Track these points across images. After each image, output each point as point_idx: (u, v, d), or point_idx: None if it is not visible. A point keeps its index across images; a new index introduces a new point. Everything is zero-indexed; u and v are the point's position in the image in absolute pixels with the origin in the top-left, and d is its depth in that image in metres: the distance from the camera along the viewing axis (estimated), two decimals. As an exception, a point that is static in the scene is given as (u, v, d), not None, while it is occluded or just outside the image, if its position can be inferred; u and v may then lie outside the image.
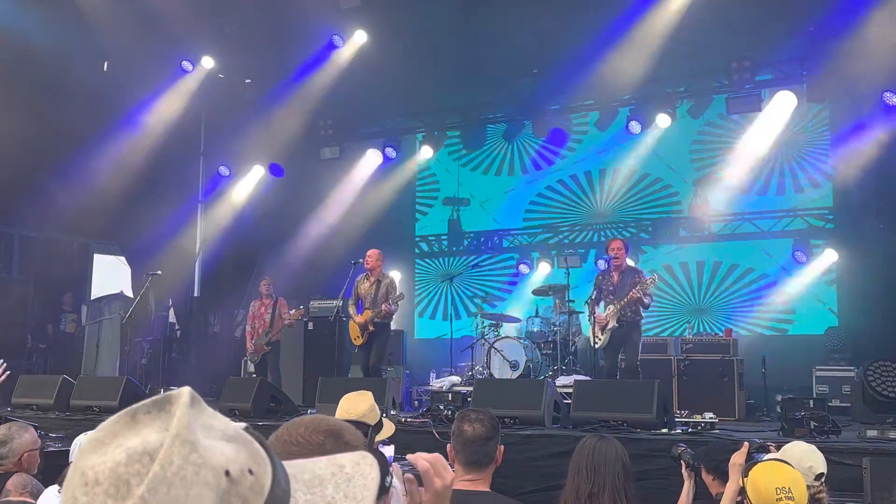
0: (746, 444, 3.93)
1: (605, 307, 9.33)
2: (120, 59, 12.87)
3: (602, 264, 11.61)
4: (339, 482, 0.96)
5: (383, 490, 1.11)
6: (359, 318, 10.10)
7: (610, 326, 9.19)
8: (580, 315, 11.76)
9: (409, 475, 1.85)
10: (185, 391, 0.87)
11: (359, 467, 0.99)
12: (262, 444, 0.90)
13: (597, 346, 9.51)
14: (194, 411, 0.86)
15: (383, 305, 9.96)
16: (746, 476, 3.13)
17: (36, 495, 4.64)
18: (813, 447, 3.85)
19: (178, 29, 12.76)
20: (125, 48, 12.81)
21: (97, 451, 0.83)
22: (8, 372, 6.87)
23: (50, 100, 12.01)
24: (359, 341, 10.26)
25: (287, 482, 0.91)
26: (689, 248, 12.96)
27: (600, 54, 11.33)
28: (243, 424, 0.92)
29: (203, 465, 0.81)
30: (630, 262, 9.75)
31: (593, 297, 9.51)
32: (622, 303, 9.05)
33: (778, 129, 11.98)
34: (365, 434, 1.64)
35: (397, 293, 10.21)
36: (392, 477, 1.50)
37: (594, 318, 9.37)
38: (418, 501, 1.94)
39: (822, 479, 3.66)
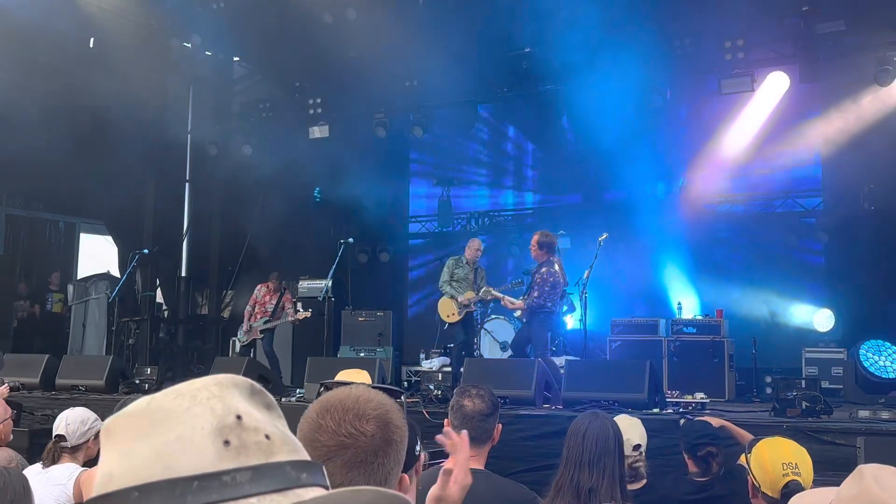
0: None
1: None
2: (107, 35, 12.69)
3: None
4: None
5: (414, 458, 1.17)
6: (465, 297, 10.41)
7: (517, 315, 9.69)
8: (571, 296, 11.72)
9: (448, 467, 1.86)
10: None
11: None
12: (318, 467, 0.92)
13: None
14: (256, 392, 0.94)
15: (494, 291, 10.20)
16: (750, 453, 3.08)
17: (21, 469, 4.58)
18: (635, 421, 4.19)
19: (165, 4, 12.59)
20: (112, 25, 12.63)
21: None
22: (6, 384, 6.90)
23: (35, 77, 11.83)
24: (452, 318, 10.46)
25: (300, 476, 0.89)
26: (680, 228, 12.89)
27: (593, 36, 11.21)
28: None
29: (217, 397, 0.88)
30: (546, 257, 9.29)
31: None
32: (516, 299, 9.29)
33: (769, 110, 11.93)
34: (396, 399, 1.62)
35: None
36: (420, 446, 1.49)
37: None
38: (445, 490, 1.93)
39: (640, 450, 4.00)
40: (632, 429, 4.12)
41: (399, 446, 1.51)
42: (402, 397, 1.73)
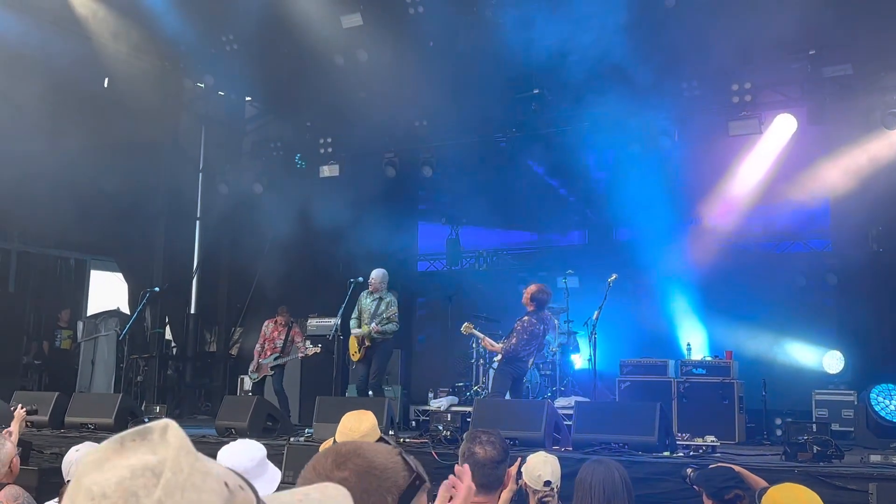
0: (519, 458, 4.12)
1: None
2: (121, 75, 12.86)
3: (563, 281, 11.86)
4: None
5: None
6: (357, 332, 10.30)
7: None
8: (577, 335, 11.70)
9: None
10: (170, 421, 0.96)
11: (327, 491, 1.10)
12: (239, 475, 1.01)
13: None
14: (186, 437, 0.95)
15: (373, 325, 10.18)
16: (760, 501, 3.08)
17: None
18: (551, 458, 4.22)
19: (179, 46, 12.77)
20: (126, 65, 12.81)
21: (96, 470, 0.90)
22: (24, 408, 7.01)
23: (49, 115, 11.98)
24: (356, 357, 10.39)
25: None
26: (689, 268, 12.89)
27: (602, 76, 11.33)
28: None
29: (208, 474, 0.91)
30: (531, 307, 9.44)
31: None
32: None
33: (777, 151, 11.98)
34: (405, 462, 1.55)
35: (393, 314, 10.36)
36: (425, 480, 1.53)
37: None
38: None
39: (551, 486, 4.05)
40: (545, 466, 4.17)
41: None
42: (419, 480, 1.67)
